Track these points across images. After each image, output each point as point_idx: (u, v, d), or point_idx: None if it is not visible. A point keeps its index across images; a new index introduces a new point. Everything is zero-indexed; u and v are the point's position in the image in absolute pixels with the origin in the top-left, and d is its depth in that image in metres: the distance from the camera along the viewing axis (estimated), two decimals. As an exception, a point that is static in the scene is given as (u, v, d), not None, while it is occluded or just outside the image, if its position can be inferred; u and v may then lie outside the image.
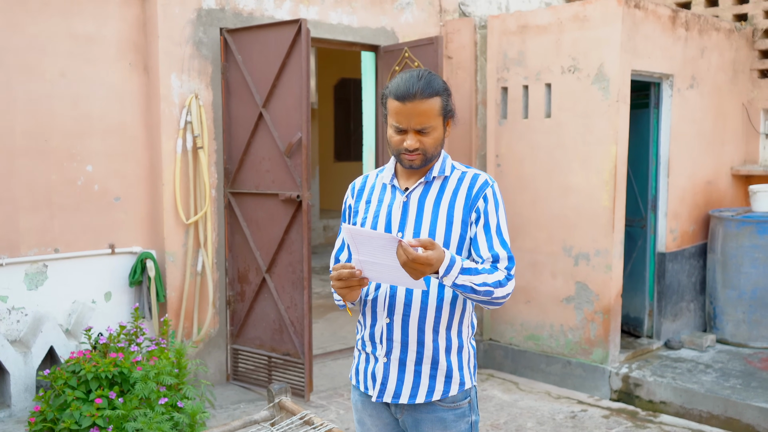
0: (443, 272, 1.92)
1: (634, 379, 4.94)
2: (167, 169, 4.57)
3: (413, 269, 1.85)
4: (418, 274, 1.87)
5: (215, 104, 4.77)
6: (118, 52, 4.49)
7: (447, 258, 1.91)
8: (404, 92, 2.02)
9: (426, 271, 1.87)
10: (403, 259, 1.84)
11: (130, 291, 4.60)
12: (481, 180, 2.14)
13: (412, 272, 1.86)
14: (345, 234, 1.93)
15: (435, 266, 1.88)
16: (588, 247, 5.10)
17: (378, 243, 1.87)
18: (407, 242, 1.86)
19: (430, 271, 1.89)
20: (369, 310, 2.17)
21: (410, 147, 2.06)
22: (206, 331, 4.80)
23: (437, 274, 1.93)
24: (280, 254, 4.68)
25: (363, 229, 1.90)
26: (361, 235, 1.89)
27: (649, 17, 5.08)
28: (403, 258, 1.84)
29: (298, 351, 4.61)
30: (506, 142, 5.52)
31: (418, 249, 1.88)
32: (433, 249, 1.87)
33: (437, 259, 1.88)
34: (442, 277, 1.93)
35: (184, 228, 4.67)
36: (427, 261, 1.85)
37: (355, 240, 1.91)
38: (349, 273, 1.97)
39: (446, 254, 1.92)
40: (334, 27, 5.24)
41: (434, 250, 1.88)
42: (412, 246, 1.86)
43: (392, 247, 1.85)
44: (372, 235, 1.88)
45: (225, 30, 4.74)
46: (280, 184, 4.64)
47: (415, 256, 1.83)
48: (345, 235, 1.94)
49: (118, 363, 3.80)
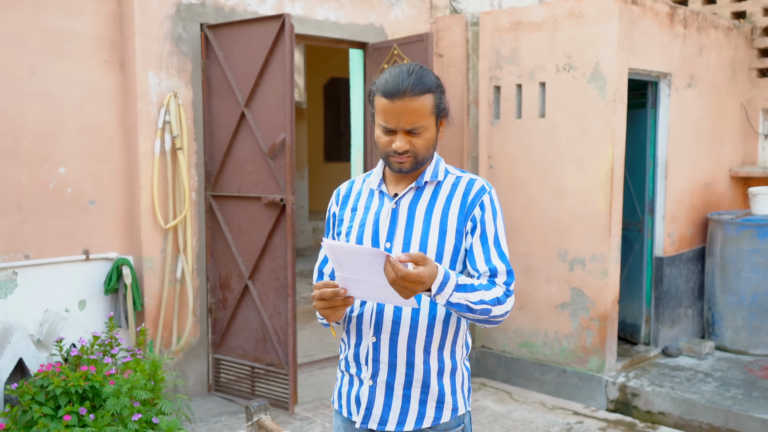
0: (436, 290, 1.73)
1: (631, 388, 4.76)
2: (145, 171, 4.36)
3: (403, 287, 1.66)
4: (409, 293, 1.68)
5: (195, 103, 4.57)
6: (92, 48, 4.27)
7: (440, 274, 1.72)
8: (393, 89, 1.83)
9: (417, 289, 1.68)
10: (392, 277, 1.65)
11: (106, 299, 4.38)
12: (477, 186, 1.95)
13: (401, 291, 1.67)
14: (326, 250, 1.73)
15: (427, 283, 1.69)
16: (584, 252, 4.92)
17: (363, 259, 1.67)
18: (396, 257, 1.66)
19: (422, 289, 1.70)
20: (354, 328, 1.98)
21: (399, 149, 1.87)
22: (186, 341, 4.59)
23: (429, 292, 1.74)
24: (263, 260, 4.48)
25: (346, 245, 1.71)
26: (344, 251, 1.70)
27: (647, 14, 4.91)
28: (392, 275, 1.65)
29: (282, 361, 4.41)
30: (499, 142, 5.34)
31: (408, 265, 1.69)
32: (424, 264, 1.68)
33: (429, 275, 1.69)
34: (435, 295, 1.74)
35: (162, 233, 4.46)
36: (419, 278, 1.66)
37: (338, 257, 1.71)
38: (332, 292, 1.78)
39: (439, 270, 1.72)
40: (321, 23, 5.04)
41: (426, 265, 1.69)
42: (401, 261, 1.67)
43: (379, 264, 1.65)
44: (356, 250, 1.69)
45: (205, 26, 4.53)
46: (264, 187, 4.44)
47: (404, 273, 1.64)
48: (326, 252, 1.74)
49: (90, 377, 3.59)
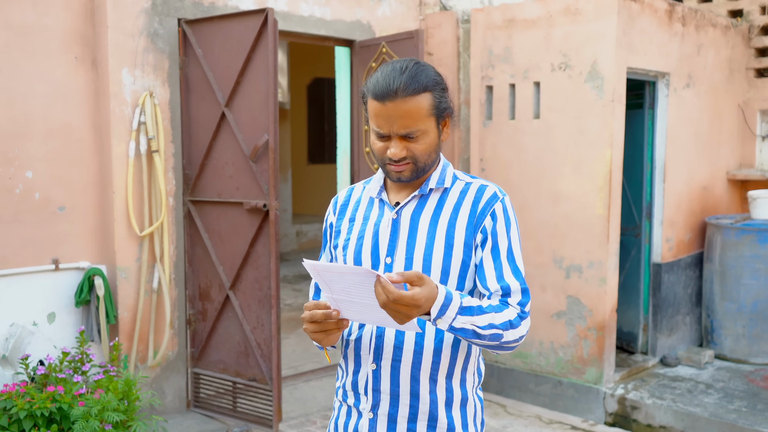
0: (436, 314, 1.51)
1: (630, 401, 4.56)
2: (118, 175, 4.10)
3: (396, 312, 1.45)
4: (403, 318, 1.46)
5: (172, 103, 4.31)
6: (62, 44, 4.01)
7: (440, 295, 1.51)
8: (384, 89, 1.62)
9: (412, 313, 1.46)
10: (383, 300, 1.43)
11: (77, 311, 4.11)
12: (488, 193, 1.74)
13: (395, 315, 1.45)
14: (310, 272, 1.51)
15: (424, 307, 1.47)
16: (580, 259, 4.72)
17: (352, 279, 1.46)
18: (387, 278, 1.44)
19: (418, 313, 1.48)
20: (351, 354, 1.76)
21: (395, 156, 1.66)
22: (163, 355, 4.33)
23: (428, 316, 1.52)
24: (245, 269, 4.23)
25: (330, 265, 1.48)
26: (329, 271, 1.48)
27: (646, 11, 4.72)
28: (383, 298, 1.43)
29: (266, 376, 4.17)
30: (491, 144, 5.13)
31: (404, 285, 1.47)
32: (421, 285, 1.47)
33: (427, 297, 1.47)
34: (435, 320, 1.52)
35: (137, 240, 4.20)
36: (413, 302, 1.44)
37: (323, 277, 1.49)
38: (323, 315, 1.56)
39: (439, 291, 1.51)
40: (305, 19, 4.80)
41: (423, 286, 1.47)
42: (393, 282, 1.44)
43: (369, 284, 1.44)
44: (342, 270, 1.47)
45: (183, 21, 4.28)
46: (245, 192, 4.20)
47: (397, 296, 1.42)
48: (310, 272, 1.52)
49: (57, 397, 3.33)
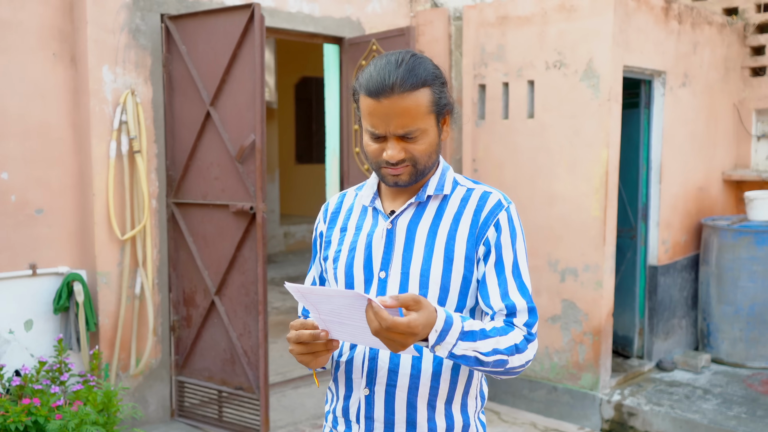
0: (434, 340, 1.36)
1: (627, 407, 4.45)
2: (99, 177, 3.95)
3: (391, 340, 1.29)
4: (398, 347, 1.31)
5: (155, 102, 4.16)
6: (39, 40, 3.85)
7: (440, 320, 1.35)
8: (378, 85, 1.46)
9: (408, 342, 1.31)
10: (375, 327, 1.28)
11: (55, 318, 3.95)
12: (492, 201, 1.58)
13: (389, 344, 1.30)
14: (293, 294, 1.36)
15: (422, 334, 1.32)
16: (576, 262, 4.60)
17: (340, 302, 1.31)
18: (380, 302, 1.29)
19: (415, 341, 1.33)
20: (342, 377, 1.61)
21: (392, 158, 1.50)
22: (146, 363, 4.18)
23: (426, 342, 1.37)
24: (231, 274, 4.08)
25: (315, 288, 1.34)
26: (315, 294, 1.33)
27: (642, 8, 4.61)
28: (375, 325, 1.28)
29: (253, 385, 4.02)
30: (484, 145, 5.00)
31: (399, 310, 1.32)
32: (418, 309, 1.31)
33: (425, 324, 1.32)
34: (434, 347, 1.37)
35: (119, 244, 4.04)
36: (409, 329, 1.28)
37: (309, 300, 1.35)
38: (311, 335, 1.41)
39: (438, 315, 1.35)
40: (293, 16, 4.66)
41: (421, 310, 1.31)
42: (387, 306, 1.29)
43: (361, 306, 1.29)
44: (330, 293, 1.33)
45: (167, 16, 4.13)
46: (231, 194, 4.05)
47: (391, 323, 1.27)
48: (294, 296, 1.38)
49: (33, 410, 3.18)
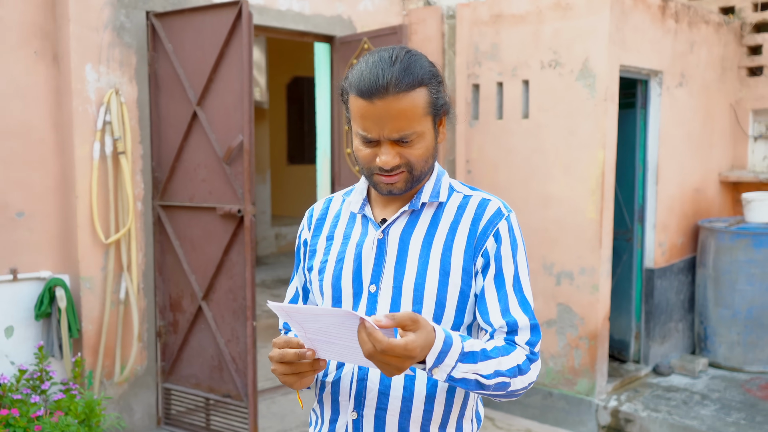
0: (432, 362, 1.25)
1: (624, 413, 4.37)
2: (82, 179, 3.83)
3: (386, 364, 1.19)
4: (393, 371, 1.20)
5: (140, 101, 4.05)
6: (20, 38, 3.73)
7: (438, 340, 1.24)
8: (371, 85, 1.33)
9: (405, 366, 1.20)
10: (369, 350, 1.17)
11: (37, 325, 3.83)
12: (491, 209, 1.47)
13: (384, 368, 1.20)
14: (277, 313, 1.25)
15: (419, 356, 1.21)
16: (572, 265, 4.51)
17: (329, 320, 1.20)
18: (374, 322, 1.18)
19: (412, 364, 1.22)
20: (328, 398, 1.49)
21: (386, 165, 1.38)
22: (131, 370, 4.07)
23: (423, 364, 1.26)
24: (218, 278, 3.98)
25: (301, 307, 1.23)
26: (300, 312, 1.23)
27: (639, 6, 4.52)
28: (369, 348, 1.17)
29: (241, 392, 3.92)
30: (478, 145, 4.91)
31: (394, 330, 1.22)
32: (415, 329, 1.21)
33: (423, 345, 1.21)
34: (431, 369, 1.26)
35: (103, 248, 3.93)
36: (406, 352, 1.18)
37: (294, 318, 1.24)
38: (295, 354, 1.30)
39: (437, 335, 1.25)
40: (283, 14, 4.55)
41: (418, 331, 1.21)
42: (381, 327, 1.18)
43: (352, 326, 1.18)
44: (317, 312, 1.21)
45: (152, 14, 4.02)
46: (219, 196, 3.94)
47: (386, 346, 1.16)
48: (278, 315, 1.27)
49: (12, 421, 3.06)
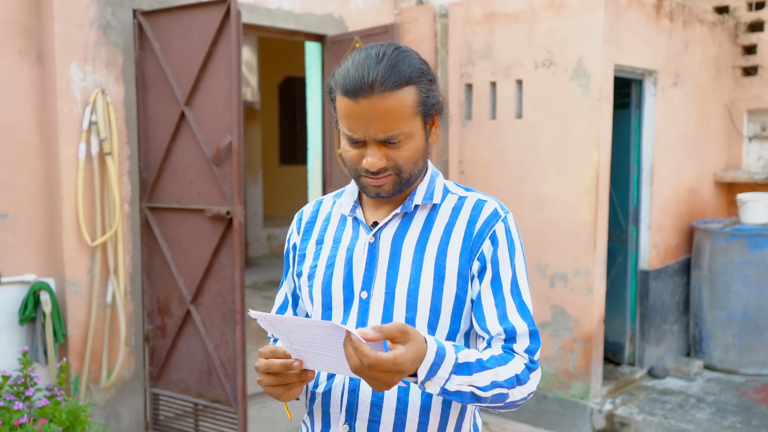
0: (424, 376, 1.19)
1: (619, 417, 4.32)
2: (67, 180, 3.75)
3: (374, 379, 1.12)
4: (382, 386, 1.14)
5: (127, 101, 3.97)
6: (2, 36, 3.64)
7: (430, 352, 1.18)
8: (356, 83, 1.27)
9: (394, 380, 1.14)
10: (356, 365, 1.11)
11: (21, 330, 3.75)
12: (487, 210, 1.40)
13: (372, 383, 1.13)
14: (260, 323, 1.19)
15: (409, 370, 1.15)
16: (566, 267, 4.46)
17: (314, 332, 1.14)
18: (361, 334, 1.11)
19: (402, 378, 1.16)
20: (318, 410, 1.43)
21: (372, 167, 1.32)
22: (118, 375, 3.99)
23: (414, 377, 1.20)
24: (207, 282, 3.90)
25: (285, 318, 1.16)
26: (285, 323, 1.16)
27: (633, 5, 4.48)
28: (355, 362, 1.11)
29: (230, 398, 3.84)
30: (471, 146, 4.85)
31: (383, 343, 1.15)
32: (405, 342, 1.14)
33: (413, 359, 1.15)
34: (424, 382, 1.20)
35: (89, 251, 3.85)
36: (395, 366, 1.11)
37: (278, 329, 1.18)
38: (282, 365, 1.24)
39: (429, 347, 1.18)
40: (273, 12, 4.48)
41: (408, 343, 1.15)
42: (368, 340, 1.12)
43: (338, 338, 1.12)
44: (301, 323, 1.15)
45: (139, 12, 3.94)
46: (207, 198, 3.87)
47: (374, 361, 1.10)
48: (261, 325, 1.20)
49: (-7, 430, 2.99)
